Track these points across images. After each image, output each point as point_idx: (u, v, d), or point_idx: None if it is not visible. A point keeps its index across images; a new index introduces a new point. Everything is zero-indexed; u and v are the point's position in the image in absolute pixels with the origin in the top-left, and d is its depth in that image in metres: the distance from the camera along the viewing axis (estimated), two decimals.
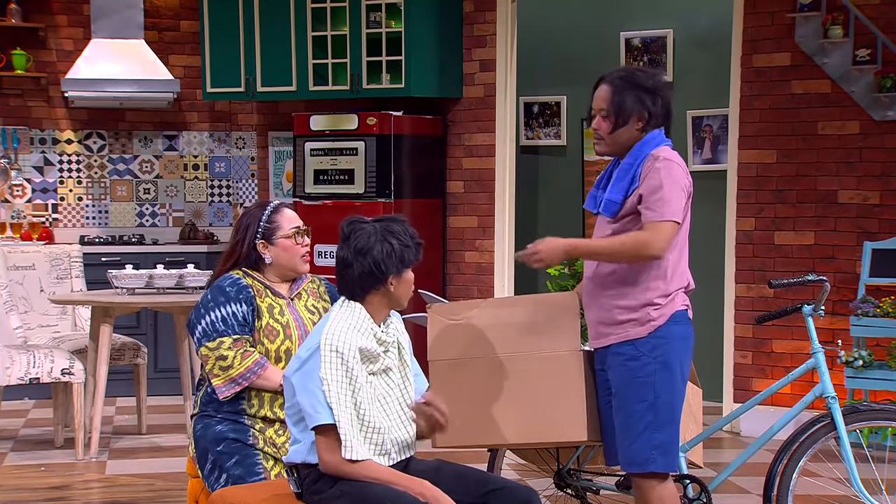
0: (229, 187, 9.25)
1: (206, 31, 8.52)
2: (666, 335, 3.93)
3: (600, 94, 3.98)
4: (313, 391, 3.36)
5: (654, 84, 3.96)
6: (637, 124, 3.94)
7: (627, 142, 3.96)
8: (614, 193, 3.93)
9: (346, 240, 3.47)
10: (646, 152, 3.91)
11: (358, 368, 3.38)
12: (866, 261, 6.78)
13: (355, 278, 3.46)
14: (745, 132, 7.31)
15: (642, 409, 3.91)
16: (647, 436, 3.92)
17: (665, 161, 3.86)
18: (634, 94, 3.93)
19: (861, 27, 6.89)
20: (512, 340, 4.19)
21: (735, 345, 7.35)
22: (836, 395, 4.38)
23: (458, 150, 8.29)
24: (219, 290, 4.03)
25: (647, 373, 3.91)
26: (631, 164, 3.92)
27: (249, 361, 3.96)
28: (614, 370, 3.97)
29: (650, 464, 3.93)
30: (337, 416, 3.33)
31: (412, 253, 3.49)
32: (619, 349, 3.95)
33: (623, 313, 3.94)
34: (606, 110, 3.95)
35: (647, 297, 3.92)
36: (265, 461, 3.94)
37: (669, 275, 3.93)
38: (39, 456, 6.62)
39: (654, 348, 3.92)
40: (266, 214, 4.14)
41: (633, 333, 3.93)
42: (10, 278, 7.02)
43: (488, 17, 8.15)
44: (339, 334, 3.39)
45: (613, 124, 3.94)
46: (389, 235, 3.45)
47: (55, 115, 8.88)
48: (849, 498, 4.65)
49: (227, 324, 3.97)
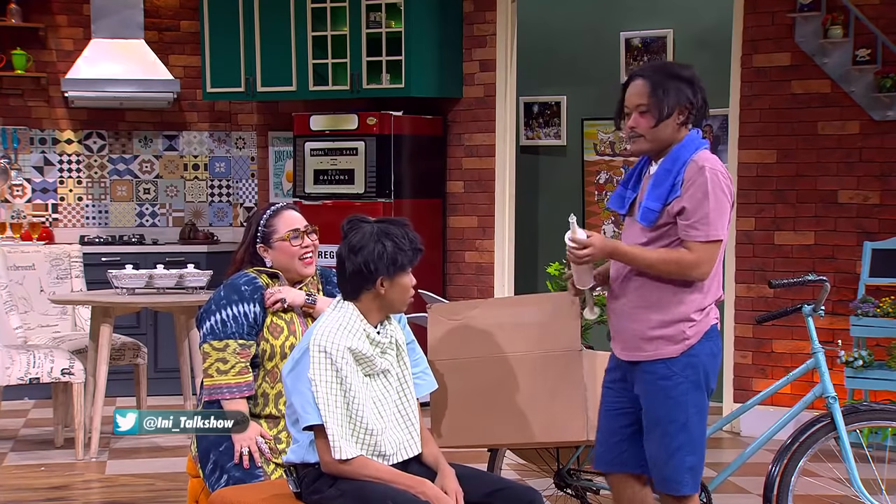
0: (229, 187, 9.25)
1: (206, 31, 8.52)
2: (699, 353, 3.79)
3: (636, 90, 3.79)
4: (303, 391, 3.36)
5: (691, 75, 3.79)
6: (678, 118, 3.76)
7: (668, 138, 3.77)
8: (652, 201, 3.74)
9: (345, 237, 3.47)
10: (686, 156, 3.74)
11: (348, 369, 3.37)
12: (866, 261, 6.78)
13: (347, 276, 3.45)
14: (745, 132, 7.31)
15: (674, 429, 3.79)
16: (679, 457, 3.80)
17: (711, 172, 3.69)
18: (675, 86, 3.75)
19: (861, 27, 6.89)
20: (512, 340, 4.19)
21: (735, 345, 7.35)
22: (836, 395, 4.38)
23: (458, 150, 8.29)
24: (233, 289, 4.03)
25: (680, 392, 3.78)
26: (669, 170, 3.74)
27: (242, 380, 3.96)
28: (644, 386, 3.83)
29: (683, 487, 3.83)
30: (324, 416, 3.32)
31: (406, 257, 3.44)
32: (650, 367, 3.80)
33: (656, 329, 3.78)
34: (646, 105, 3.75)
35: (683, 311, 3.76)
36: (265, 463, 3.94)
37: (706, 288, 3.79)
38: (39, 456, 6.62)
39: (687, 367, 3.77)
40: (264, 218, 4.15)
41: (667, 352, 3.78)
42: (10, 278, 7.01)
43: (488, 17, 8.15)
44: (328, 335, 3.38)
45: (657, 119, 3.74)
46: (385, 237, 3.42)
47: (55, 115, 8.88)
48: (849, 498, 4.65)
49: (238, 323, 3.98)
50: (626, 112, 3.83)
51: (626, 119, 3.85)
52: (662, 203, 3.72)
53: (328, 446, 3.36)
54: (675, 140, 3.79)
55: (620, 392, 3.91)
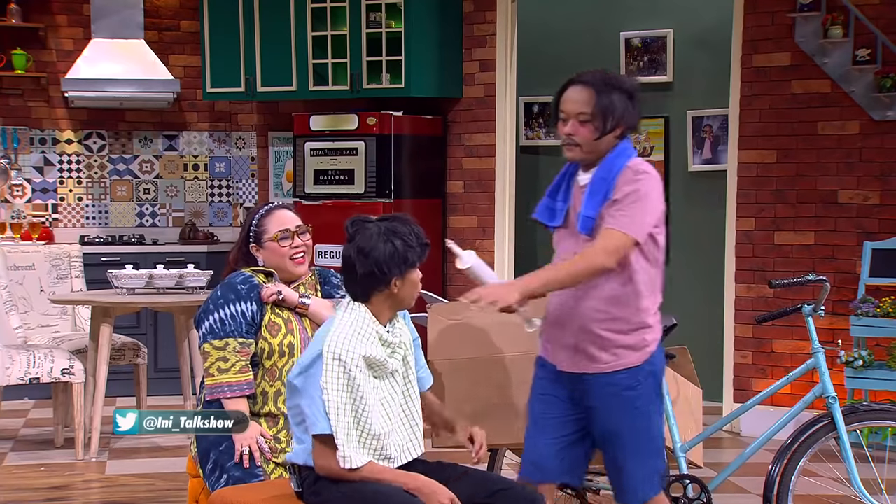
0: (229, 187, 9.25)
1: (206, 31, 8.52)
2: (656, 361, 3.75)
3: (580, 97, 3.68)
4: (314, 398, 3.33)
5: (633, 87, 3.72)
6: (617, 131, 3.69)
7: (605, 150, 3.69)
8: (590, 209, 3.66)
9: (351, 240, 3.42)
10: (621, 164, 3.67)
11: (361, 377, 3.33)
12: (866, 261, 6.78)
13: (358, 279, 3.41)
14: (745, 132, 7.31)
15: (643, 439, 3.73)
16: (651, 465, 3.76)
17: (645, 175, 3.65)
18: (620, 99, 3.68)
19: (861, 27, 6.89)
20: (512, 340, 4.19)
21: (735, 345, 7.35)
22: (836, 395, 4.38)
23: (458, 150, 8.29)
24: (230, 288, 4.04)
25: (644, 402, 3.71)
26: (605, 178, 3.66)
27: (243, 378, 3.96)
28: (605, 399, 3.70)
29: (652, 489, 3.79)
30: (335, 426, 3.30)
31: (416, 254, 3.42)
32: (611, 379, 3.68)
33: (617, 337, 3.67)
34: (589, 114, 3.66)
35: (641, 318, 3.69)
36: (265, 463, 3.94)
37: (655, 294, 3.73)
38: (39, 456, 6.62)
39: (649, 375, 3.72)
40: (256, 218, 4.16)
41: (630, 361, 3.68)
42: (10, 278, 7.02)
43: (488, 17, 8.15)
44: (343, 342, 3.34)
45: (601, 131, 3.66)
46: (393, 236, 3.39)
47: (55, 115, 8.88)
48: (849, 498, 4.65)
49: (237, 322, 3.98)
50: (562, 117, 3.73)
51: (560, 122, 3.74)
52: (598, 210, 3.64)
53: (323, 452, 3.34)
54: (608, 149, 3.71)
55: (562, 403, 3.77)
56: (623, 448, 3.72)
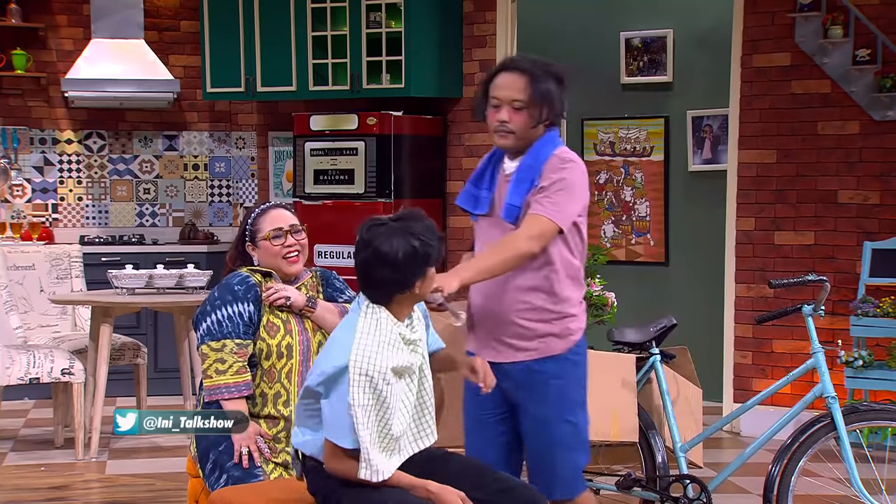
0: (229, 187, 9.25)
1: (206, 31, 8.52)
2: (581, 350, 3.71)
3: (511, 83, 3.61)
4: (340, 410, 3.23)
5: (565, 75, 3.64)
6: (548, 118, 3.64)
7: (535, 137, 3.65)
8: (515, 197, 3.61)
9: (367, 245, 3.27)
10: (549, 152, 3.63)
11: (388, 390, 3.23)
12: (866, 261, 6.78)
13: (380, 284, 3.29)
14: (745, 132, 7.31)
15: (568, 430, 3.67)
16: (575, 458, 3.70)
17: (571, 164, 3.60)
18: (555, 87, 3.61)
19: (861, 27, 6.89)
20: None
21: (735, 345, 7.35)
22: (836, 395, 4.38)
23: (458, 150, 8.29)
24: (227, 289, 4.03)
25: (571, 390, 3.67)
26: (532, 166, 3.62)
27: (240, 379, 3.96)
28: (531, 391, 3.66)
29: (577, 487, 3.73)
30: (363, 443, 3.21)
31: (435, 251, 3.30)
32: (538, 366, 3.65)
33: (539, 325, 3.64)
34: (524, 101, 3.60)
35: (563, 308, 3.65)
36: (265, 463, 3.94)
37: (580, 284, 3.70)
38: (39, 456, 6.62)
39: (575, 365, 3.68)
40: (252, 217, 4.16)
41: (556, 349, 3.65)
42: (10, 278, 7.02)
43: (488, 17, 8.15)
44: (370, 356, 3.22)
45: (536, 119, 3.61)
46: (411, 237, 3.26)
47: (55, 115, 8.88)
48: (849, 498, 4.65)
49: (234, 323, 3.97)
50: (493, 103, 3.66)
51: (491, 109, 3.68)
52: (524, 198, 3.60)
53: (335, 454, 3.26)
54: (538, 137, 3.67)
55: (491, 399, 3.69)
56: (550, 440, 3.66)
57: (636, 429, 4.63)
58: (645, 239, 8.55)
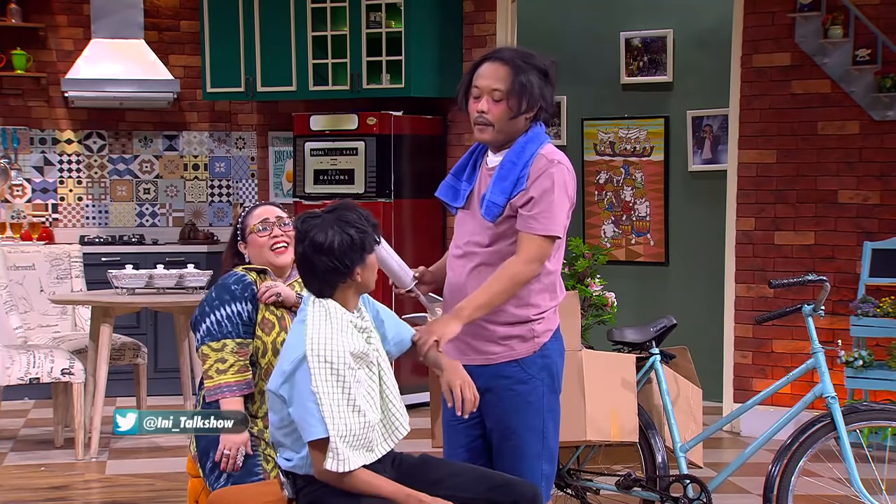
0: (229, 187, 9.25)
1: (206, 31, 8.52)
2: (551, 353, 3.61)
3: (493, 73, 3.50)
4: (305, 405, 3.24)
5: (550, 68, 3.54)
6: (531, 113, 3.53)
7: (518, 132, 3.54)
8: (497, 195, 3.51)
9: (304, 238, 3.33)
10: (533, 150, 3.52)
11: (350, 374, 3.26)
12: (866, 261, 6.79)
13: (320, 275, 3.34)
14: (745, 132, 7.31)
15: (532, 437, 3.58)
16: (536, 467, 3.61)
17: (558, 166, 3.50)
18: (537, 79, 3.50)
19: (861, 27, 6.89)
20: None
21: (735, 345, 7.35)
22: (836, 395, 4.38)
23: (458, 150, 8.28)
24: (224, 289, 4.04)
25: (538, 396, 3.57)
26: (515, 163, 3.51)
27: (242, 377, 3.96)
28: (495, 395, 3.57)
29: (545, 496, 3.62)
30: (330, 429, 3.22)
31: (370, 238, 3.35)
32: (503, 370, 3.57)
33: (501, 328, 3.56)
34: (503, 92, 3.49)
35: (526, 312, 3.55)
36: (265, 462, 3.94)
37: (553, 287, 3.61)
38: (39, 456, 6.62)
39: (542, 369, 3.58)
40: (242, 216, 4.18)
41: (521, 351, 3.57)
42: (10, 278, 7.02)
43: (488, 17, 8.15)
44: (326, 342, 3.26)
45: (516, 111, 3.50)
46: (346, 225, 3.32)
47: (55, 115, 8.88)
48: (849, 498, 4.65)
49: (233, 323, 3.97)
50: (474, 93, 3.55)
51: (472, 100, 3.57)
52: (507, 197, 3.50)
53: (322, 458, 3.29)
54: (521, 132, 3.56)
55: None
56: (515, 449, 3.59)
57: (636, 429, 4.62)
58: (645, 239, 8.55)
